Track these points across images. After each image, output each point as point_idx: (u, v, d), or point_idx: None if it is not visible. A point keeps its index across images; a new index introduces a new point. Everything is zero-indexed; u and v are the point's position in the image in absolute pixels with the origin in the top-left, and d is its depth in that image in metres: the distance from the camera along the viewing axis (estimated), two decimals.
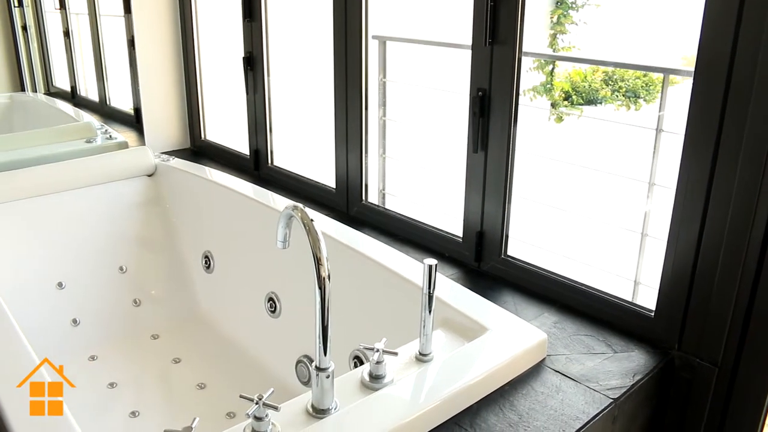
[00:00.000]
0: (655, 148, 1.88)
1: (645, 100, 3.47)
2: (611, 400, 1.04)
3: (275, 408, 0.90)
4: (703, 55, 1.02)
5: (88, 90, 2.72)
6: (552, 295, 1.32)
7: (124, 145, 2.30)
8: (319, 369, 0.94)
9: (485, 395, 1.04)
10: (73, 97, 2.79)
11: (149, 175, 1.99)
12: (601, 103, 3.42)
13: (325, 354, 0.93)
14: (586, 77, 3.31)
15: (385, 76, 1.80)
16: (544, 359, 1.14)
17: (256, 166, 2.03)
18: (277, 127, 1.99)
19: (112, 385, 1.59)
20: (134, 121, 2.66)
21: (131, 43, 2.51)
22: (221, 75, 2.31)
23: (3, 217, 1.72)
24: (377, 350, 1.01)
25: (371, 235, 1.54)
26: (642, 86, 3.46)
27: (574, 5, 3.78)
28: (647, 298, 1.26)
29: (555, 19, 3.54)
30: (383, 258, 1.38)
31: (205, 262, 1.86)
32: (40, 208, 1.78)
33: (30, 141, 2.27)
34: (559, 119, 3.66)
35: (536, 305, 1.31)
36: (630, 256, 2.01)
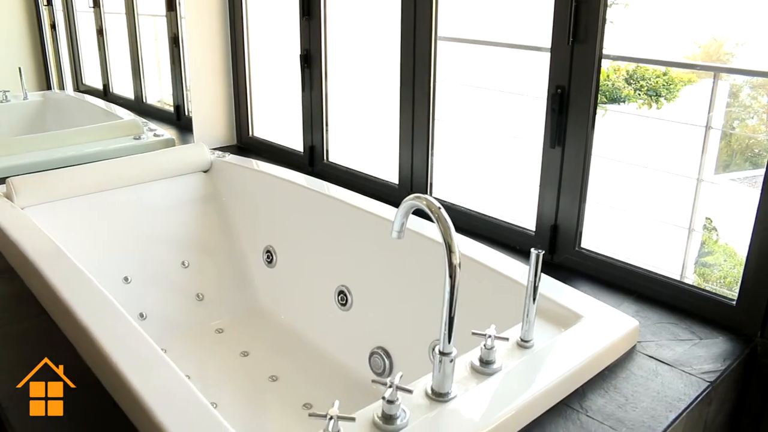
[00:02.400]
0: (704, 146, 1.94)
1: (666, 99, 3.54)
2: (708, 383, 1.09)
3: (409, 391, 0.93)
4: None
5: (119, 88, 2.74)
6: (629, 285, 1.37)
7: (171, 142, 2.32)
8: (442, 354, 0.98)
9: (588, 379, 1.09)
10: (105, 94, 2.81)
11: (205, 171, 2.02)
12: (624, 101, 3.49)
13: (449, 340, 0.97)
14: (608, 76, 3.37)
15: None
16: (635, 345, 1.19)
17: (310, 162, 2.06)
18: (332, 123, 2.03)
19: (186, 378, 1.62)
20: (174, 118, 2.68)
21: (174, 40, 2.54)
22: (271, 72, 2.34)
23: (69, 213, 1.74)
24: (489, 336, 1.06)
25: None
26: (663, 85, 3.53)
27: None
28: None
29: None
30: (463, 249, 1.42)
31: (267, 257, 1.89)
32: (105, 203, 1.81)
33: (79, 138, 2.29)
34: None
35: (614, 296, 1.36)
36: (678, 249, 2.07)
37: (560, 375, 1.04)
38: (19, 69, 2.56)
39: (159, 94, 2.82)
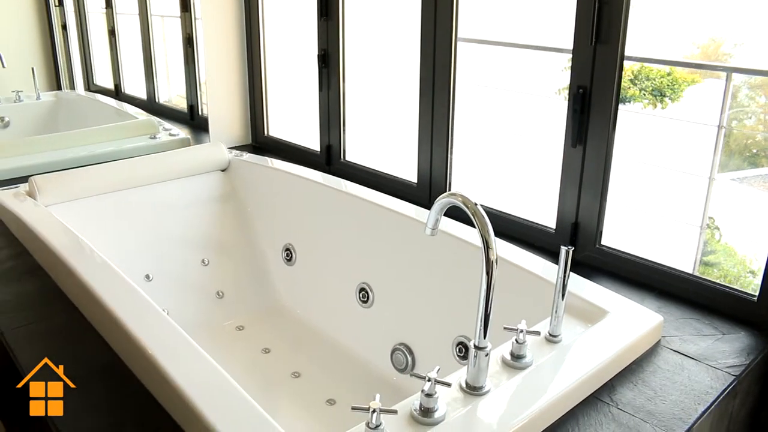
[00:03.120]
0: (716, 145, 1.97)
1: (671, 99, 3.57)
2: (733, 377, 1.11)
3: (447, 384, 0.95)
4: None
5: (130, 88, 2.76)
6: (650, 282, 1.39)
7: (186, 142, 2.34)
8: (478, 348, 1.00)
9: (617, 373, 1.11)
10: (117, 94, 2.82)
11: (222, 170, 2.03)
12: (630, 101, 3.51)
13: (485, 335, 0.99)
14: None
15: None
16: (659, 340, 1.21)
17: (327, 161, 2.08)
18: (349, 122, 2.05)
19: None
20: (188, 118, 2.70)
21: (188, 41, 2.55)
22: (286, 71, 2.36)
23: (90, 212, 1.76)
24: (521, 331, 1.08)
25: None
26: (667, 85, 3.55)
27: None
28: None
29: None
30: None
31: (287, 255, 1.91)
32: (125, 202, 1.82)
33: (96, 137, 2.30)
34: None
35: (635, 292, 1.38)
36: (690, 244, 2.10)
37: (590, 369, 1.06)
38: (32, 69, 2.57)
39: (168, 94, 2.83)
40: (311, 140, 2.17)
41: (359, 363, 1.65)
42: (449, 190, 1.76)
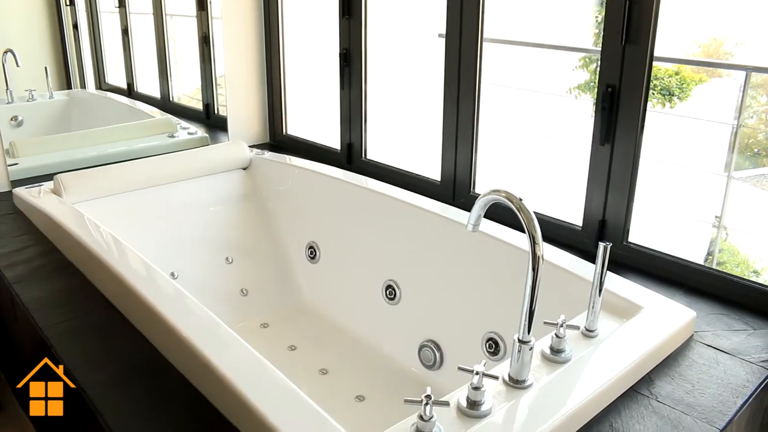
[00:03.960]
0: (732, 143, 1.99)
1: (679, 98, 3.60)
2: None
3: (495, 377, 0.97)
4: None
5: (143, 87, 2.76)
6: (678, 278, 1.41)
7: (205, 140, 2.35)
8: (522, 342, 1.01)
9: (654, 367, 1.13)
10: (129, 93, 2.83)
11: (244, 168, 2.04)
12: None
13: (529, 330, 1.01)
14: None
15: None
16: (692, 335, 1.23)
17: (348, 159, 2.09)
18: (370, 121, 2.06)
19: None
20: (203, 117, 2.70)
21: (204, 40, 2.56)
22: (305, 70, 2.37)
23: (114, 209, 1.76)
24: (561, 325, 1.09)
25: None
26: (676, 84, 3.58)
27: None
28: None
29: (600, 18, 3.67)
30: (513, 240, 1.46)
31: (310, 252, 1.92)
32: (148, 199, 1.83)
33: (115, 135, 2.31)
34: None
35: (664, 288, 1.40)
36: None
37: (628, 363, 1.08)
38: (45, 68, 2.57)
39: (179, 92, 2.84)
40: (330, 139, 2.18)
41: (386, 360, 1.67)
42: (473, 188, 1.77)
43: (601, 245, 1.11)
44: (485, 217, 1.11)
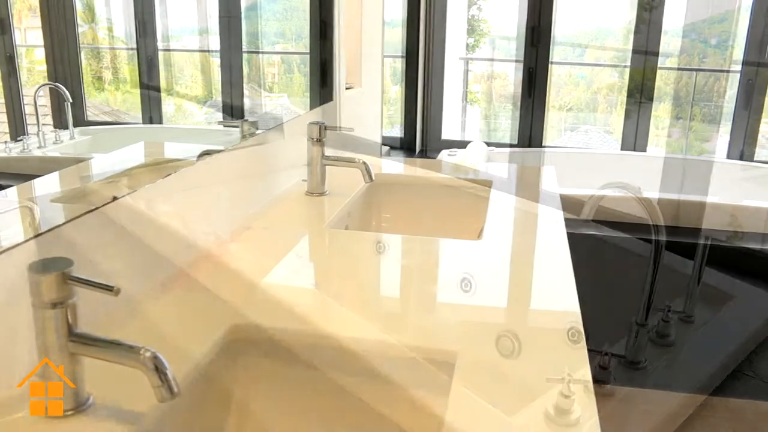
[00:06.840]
0: None
1: None
2: None
3: (623, 357, 1.04)
4: None
5: None
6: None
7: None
8: (639, 325, 1.09)
9: (752, 350, 1.21)
10: None
11: None
12: None
13: (647, 316, 1.08)
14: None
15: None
16: None
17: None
18: None
19: None
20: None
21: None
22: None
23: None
24: (668, 311, 1.17)
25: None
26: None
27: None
28: None
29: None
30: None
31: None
32: None
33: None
34: None
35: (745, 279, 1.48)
36: None
37: (731, 347, 1.16)
38: None
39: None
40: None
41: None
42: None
43: (700, 243, 1.19)
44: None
